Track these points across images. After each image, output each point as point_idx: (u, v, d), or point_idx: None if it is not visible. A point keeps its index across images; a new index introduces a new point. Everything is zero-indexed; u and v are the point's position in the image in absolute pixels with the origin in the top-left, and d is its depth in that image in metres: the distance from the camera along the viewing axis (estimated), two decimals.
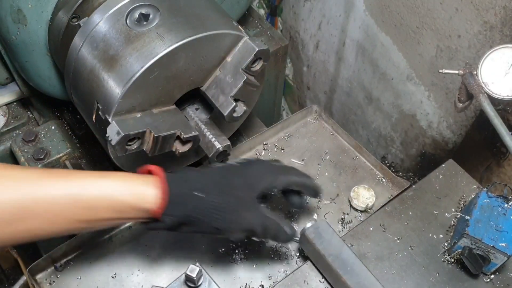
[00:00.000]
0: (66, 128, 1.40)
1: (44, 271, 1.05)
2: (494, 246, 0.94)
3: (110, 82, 0.94)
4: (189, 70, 0.99)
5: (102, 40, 0.98)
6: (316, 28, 1.95)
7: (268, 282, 1.04)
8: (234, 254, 1.08)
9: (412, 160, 1.78)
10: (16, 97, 1.44)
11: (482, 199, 1.01)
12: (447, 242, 1.06)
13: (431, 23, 1.40)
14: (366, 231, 1.08)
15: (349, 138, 1.29)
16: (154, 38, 0.94)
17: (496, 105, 1.15)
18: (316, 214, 1.15)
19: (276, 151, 1.27)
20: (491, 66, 1.05)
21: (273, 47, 1.61)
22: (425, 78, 1.53)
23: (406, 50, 1.55)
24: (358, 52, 1.78)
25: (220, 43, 1.00)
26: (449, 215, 1.10)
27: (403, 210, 1.11)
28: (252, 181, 0.94)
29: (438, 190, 1.15)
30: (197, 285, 0.98)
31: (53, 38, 1.12)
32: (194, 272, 0.96)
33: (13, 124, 1.41)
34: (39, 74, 1.20)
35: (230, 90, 1.02)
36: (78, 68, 1.01)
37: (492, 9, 1.21)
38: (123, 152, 0.93)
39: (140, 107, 0.97)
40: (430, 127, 1.62)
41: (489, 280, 1.02)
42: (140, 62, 0.92)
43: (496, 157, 1.38)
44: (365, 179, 1.22)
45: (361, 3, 1.63)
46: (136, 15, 0.98)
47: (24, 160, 1.30)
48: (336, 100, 2.07)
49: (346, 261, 0.97)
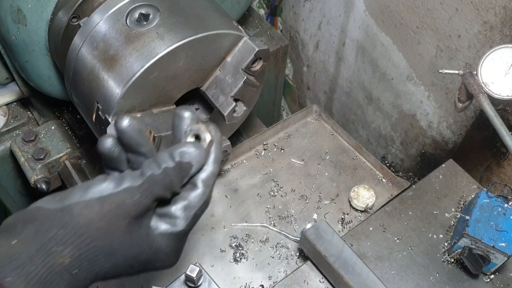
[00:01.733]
0: (66, 128, 1.40)
1: None
2: (494, 246, 0.94)
3: (110, 82, 0.94)
4: (189, 70, 0.99)
5: (102, 40, 0.98)
6: (316, 28, 1.95)
7: (268, 282, 1.04)
8: (234, 254, 1.08)
9: (412, 160, 1.78)
10: (16, 97, 1.44)
11: (482, 199, 1.01)
12: (447, 242, 1.06)
13: (431, 23, 1.40)
14: (366, 231, 1.08)
15: (349, 138, 1.29)
16: (154, 38, 0.94)
17: (496, 105, 1.15)
18: (316, 214, 1.15)
19: (276, 151, 1.27)
20: (491, 66, 1.05)
21: (273, 47, 1.61)
22: (425, 78, 1.53)
23: (406, 50, 1.55)
24: (358, 52, 1.78)
25: (220, 43, 1.00)
26: (449, 215, 1.10)
27: (403, 210, 1.11)
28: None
29: (438, 190, 1.15)
30: (197, 285, 0.98)
31: (53, 38, 1.12)
32: (194, 272, 0.96)
33: (13, 124, 1.41)
34: (39, 74, 1.20)
35: (230, 90, 1.02)
36: (78, 68, 1.01)
37: (492, 9, 1.21)
38: None
39: (140, 107, 0.97)
40: (430, 127, 1.62)
41: (489, 280, 1.02)
42: (140, 62, 0.92)
43: (496, 157, 1.38)
44: (365, 179, 1.22)
45: (361, 3, 1.63)
46: (136, 15, 0.98)
47: (24, 160, 1.30)
48: (336, 100, 2.07)
49: (347, 261, 0.97)
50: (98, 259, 0.64)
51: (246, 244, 1.09)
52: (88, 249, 0.63)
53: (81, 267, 0.63)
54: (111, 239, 0.64)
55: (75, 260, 0.62)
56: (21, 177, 1.46)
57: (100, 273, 0.65)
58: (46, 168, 1.31)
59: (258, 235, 1.11)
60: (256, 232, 1.12)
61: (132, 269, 0.69)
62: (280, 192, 1.19)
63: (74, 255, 0.62)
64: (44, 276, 0.60)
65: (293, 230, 1.12)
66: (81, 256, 0.63)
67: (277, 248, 1.09)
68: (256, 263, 1.07)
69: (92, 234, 0.63)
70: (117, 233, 0.65)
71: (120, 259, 0.66)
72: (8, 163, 1.42)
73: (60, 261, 0.61)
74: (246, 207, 1.16)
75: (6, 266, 0.58)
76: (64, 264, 0.61)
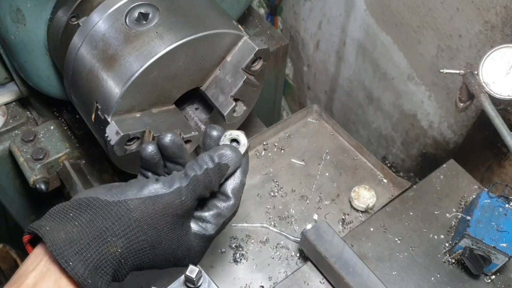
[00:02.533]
0: (65, 128, 1.40)
1: None
2: (495, 246, 0.94)
3: (109, 82, 0.94)
4: (189, 69, 0.99)
5: (101, 40, 0.97)
6: (317, 28, 1.94)
7: (268, 282, 1.04)
8: (234, 254, 1.07)
9: (412, 160, 1.78)
10: (15, 97, 1.43)
11: (483, 200, 1.01)
12: (448, 242, 1.06)
13: (432, 23, 1.40)
14: (366, 231, 1.08)
15: (350, 138, 1.28)
16: (154, 37, 0.94)
17: (497, 105, 1.14)
18: (316, 215, 1.15)
19: (276, 151, 1.27)
20: (492, 65, 1.05)
21: (273, 46, 1.60)
22: (426, 78, 1.53)
23: (406, 49, 1.54)
24: (358, 52, 1.77)
25: (219, 42, 0.99)
26: (450, 216, 1.10)
27: (404, 211, 1.11)
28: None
29: (439, 190, 1.14)
30: (196, 285, 0.97)
31: (52, 37, 1.11)
32: (193, 272, 0.95)
33: (12, 124, 1.41)
34: (38, 73, 1.20)
35: (230, 90, 1.02)
36: (77, 67, 1.01)
37: (493, 9, 1.21)
38: (122, 152, 0.92)
39: (140, 107, 0.97)
40: (431, 127, 1.62)
41: (490, 281, 1.01)
42: (140, 61, 0.92)
43: (497, 157, 1.37)
44: (365, 179, 1.21)
45: (361, 3, 1.63)
46: (136, 14, 0.98)
47: (23, 160, 1.30)
48: (336, 100, 2.07)
49: (348, 262, 0.96)
50: (144, 251, 0.72)
51: (246, 244, 1.09)
52: (138, 241, 0.71)
53: (128, 257, 0.71)
54: (158, 235, 0.73)
55: (125, 251, 0.70)
56: (20, 177, 1.46)
57: (140, 264, 0.73)
58: (45, 168, 1.31)
59: (258, 236, 1.11)
60: (256, 232, 1.12)
61: (166, 263, 0.78)
62: (280, 193, 1.19)
63: (125, 246, 0.70)
64: (98, 262, 0.67)
65: (293, 231, 1.12)
66: (130, 248, 0.70)
67: (277, 249, 1.09)
68: (256, 263, 1.07)
69: (143, 228, 0.71)
70: (164, 230, 0.73)
71: (160, 253, 0.74)
72: (7, 163, 1.42)
73: (113, 250, 0.68)
74: (246, 207, 1.16)
75: (67, 250, 0.65)
76: (116, 253, 0.69)
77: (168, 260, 0.77)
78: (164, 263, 0.77)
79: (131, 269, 0.73)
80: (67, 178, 1.32)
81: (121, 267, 0.71)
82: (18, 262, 1.81)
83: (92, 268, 0.67)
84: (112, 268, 0.69)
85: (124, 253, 0.70)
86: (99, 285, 0.67)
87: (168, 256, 0.76)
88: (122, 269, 0.71)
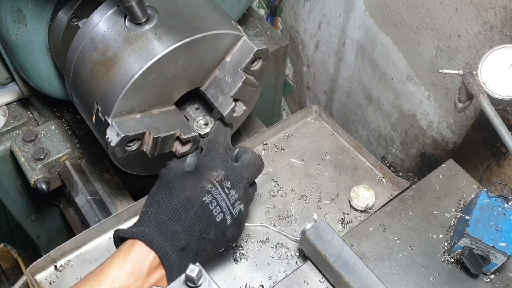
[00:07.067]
0: (66, 128, 1.40)
1: (44, 271, 1.05)
2: (494, 246, 0.94)
3: (109, 83, 0.94)
4: (188, 70, 0.99)
5: (101, 41, 0.98)
6: (316, 28, 1.95)
7: (268, 282, 1.04)
8: (234, 254, 1.08)
9: (412, 160, 1.78)
10: (16, 97, 1.44)
11: (482, 199, 1.01)
12: (447, 242, 1.06)
13: (431, 23, 1.40)
14: (366, 231, 1.08)
15: (349, 138, 1.29)
16: (153, 39, 0.94)
17: (496, 105, 1.15)
18: (316, 214, 1.15)
19: (276, 151, 1.27)
20: (491, 66, 1.05)
21: (273, 47, 1.60)
22: (425, 78, 1.53)
23: (406, 50, 1.55)
24: (358, 52, 1.78)
25: (219, 43, 1.00)
26: (449, 215, 1.10)
27: (403, 210, 1.11)
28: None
29: (438, 190, 1.14)
30: (197, 285, 0.97)
31: (53, 38, 1.12)
32: (194, 272, 0.95)
33: (13, 124, 1.41)
34: (39, 74, 1.20)
35: (229, 90, 1.02)
36: (77, 68, 1.01)
37: (492, 9, 1.21)
38: (122, 153, 0.93)
39: (140, 108, 0.97)
40: (430, 127, 1.62)
41: (489, 280, 1.02)
42: (139, 63, 0.92)
43: (496, 157, 1.37)
44: (365, 179, 1.22)
45: (361, 3, 1.63)
46: None
47: (24, 160, 1.30)
48: (336, 100, 2.07)
49: (348, 261, 0.97)
50: (210, 245, 0.93)
51: (246, 244, 1.09)
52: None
53: (205, 250, 0.93)
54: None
55: (207, 244, 0.93)
56: (21, 177, 1.46)
57: (204, 256, 0.95)
58: (46, 168, 1.31)
59: (258, 235, 1.11)
60: (256, 232, 1.12)
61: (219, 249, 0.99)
62: (280, 192, 1.19)
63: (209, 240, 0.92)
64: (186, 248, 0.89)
65: (293, 230, 1.12)
66: (207, 241, 0.92)
67: (277, 248, 1.09)
68: (256, 263, 1.07)
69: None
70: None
71: (218, 245, 0.96)
72: (8, 163, 1.42)
73: (204, 243, 0.92)
74: None
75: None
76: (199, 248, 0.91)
77: (223, 246, 0.98)
78: (218, 250, 0.99)
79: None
80: (68, 178, 1.33)
81: (197, 257, 0.92)
82: (19, 261, 1.82)
83: (181, 251, 0.89)
84: (192, 257, 0.90)
85: (204, 247, 0.93)
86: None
87: (225, 245, 0.98)
88: (195, 259, 0.91)
